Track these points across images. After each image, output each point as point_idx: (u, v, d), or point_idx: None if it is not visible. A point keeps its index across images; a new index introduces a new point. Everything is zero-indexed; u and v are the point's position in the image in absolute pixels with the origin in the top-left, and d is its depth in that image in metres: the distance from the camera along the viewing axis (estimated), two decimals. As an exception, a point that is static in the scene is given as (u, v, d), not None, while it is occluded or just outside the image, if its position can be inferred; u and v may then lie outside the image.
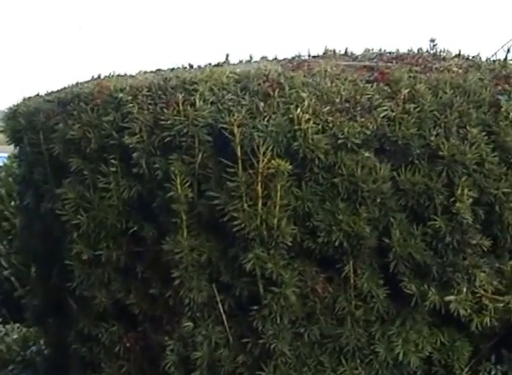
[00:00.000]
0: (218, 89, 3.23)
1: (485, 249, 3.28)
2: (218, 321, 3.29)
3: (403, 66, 3.47)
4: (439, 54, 3.77)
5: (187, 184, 3.18)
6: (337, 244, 3.16)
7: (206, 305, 3.28)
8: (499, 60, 3.68)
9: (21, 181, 4.21)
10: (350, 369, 3.28)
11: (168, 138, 3.18)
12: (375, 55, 3.82)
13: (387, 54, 3.83)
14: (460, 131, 3.27)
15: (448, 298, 3.23)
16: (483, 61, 3.74)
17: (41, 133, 3.63)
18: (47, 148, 3.60)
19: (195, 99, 3.17)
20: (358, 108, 3.20)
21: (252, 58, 3.95)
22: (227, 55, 3.91)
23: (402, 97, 3.24)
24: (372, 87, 3.28)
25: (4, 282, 6.21)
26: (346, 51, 3.92)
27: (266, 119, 3.12)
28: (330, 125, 3.15)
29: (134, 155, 3.26)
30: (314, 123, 3.12)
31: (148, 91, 3.29)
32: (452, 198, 3.21)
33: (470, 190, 3.22)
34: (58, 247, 3.65)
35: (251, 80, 3.23)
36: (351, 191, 3.18)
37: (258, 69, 3.29)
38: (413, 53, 3.78)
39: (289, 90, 3.20)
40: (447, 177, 3.23)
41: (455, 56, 3.77)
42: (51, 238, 3.76)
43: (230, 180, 3.12)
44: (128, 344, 3.52)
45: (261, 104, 3.16)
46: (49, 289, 3.93)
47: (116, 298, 3.50)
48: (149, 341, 3.48)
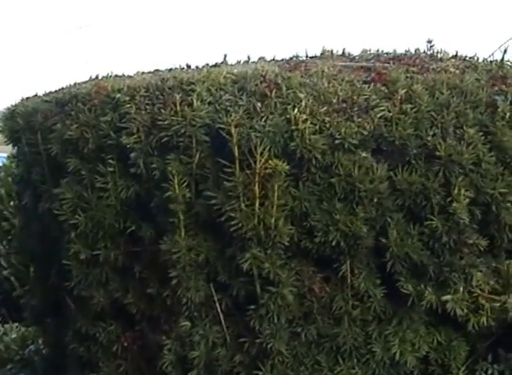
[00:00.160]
0: (216, 89, 3.24)
1: (481, 249, 3.29)
2: (216, 321, 3.30)
3: (400, 67, 3.48)
4: (436, 55, 3.78)
5: (185, 184, 3.18)
6: (334, 243, 3.17)
7: (203, 304, 3.29)
8: (495, 61, 3.69)
9: (19, 181, 4.21)
10: (347, 368, 3.29)
11: (165, 138, 3.19)
12: (372, 55, 3.83)
13: (384, 54, 3.84)
14: (456, 131, 3.28)
15: (445, 298, 3.24)
16: (480, 62, 3.75)
17: (39, 133, 3.64)
18: (45, 148, 3.61)
19: (192, 99, 3.18)
20: (355, 108, 3.21)
21: (250, 58, 3.95)
22: (225, 56, 3.92)
23: (399, 97, 3.25)
24: (369, 87, 3.28)
25: (3, 282, 6.22)
26: (344, 52, 3.93)
27: (263, 119, 3.13)
28: (327, 125, 3.15)
29: (132, 155, 3.27)
30: (312, 124, 3.13)
31: (146, 92, 3.30)
32: (449, 198, 3.22)
33: (466, 190, 3.23)
34: (56, 247, 3.66)
35: (248, 80, 3.24)
36: (348, 191, 3.18)
37: (255, 70, 3.30)
38: (410, 54, 3.79)
39: (287, 90, 3.21)
40: (444, 177, 3.23)
41: (452, 57, 3.78)
42: (49, 238, 3.77)
43: (228, 180, 3.12)
44: (126, 344, 3.53)
45: (259, 104, 3.17)
46: (47, 289, 3.94)
47: (114, 298, 3.51)
48: (147, 341, 3.49)
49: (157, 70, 3.88)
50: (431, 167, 3.24)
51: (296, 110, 3.13)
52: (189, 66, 3.86)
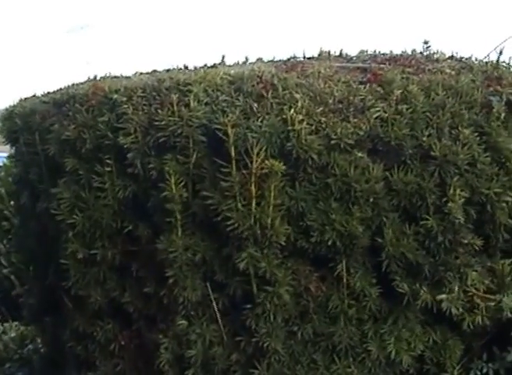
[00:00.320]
0: (212, 90, 3.25)
1: (476, 248, 3.31)
2: (212, 319, 3.31)
3: (395, 68, 3.49)
4: (431, 55, 3.79)
5: (182, 184, 3.20)
6: (330, 243, 3.18)
7: (200, 303, 3.30)
8: (491, 62, 3.70)
9: (17, 181, 4.23)
10: (343, 367, 3.30)
11: (162, 138, 3.20)
12: (368, 56, 3.84)
13: (381, 55, 3.84)
14: (452, 132, 3.29)
15: (440, 297, 3.25)
16: (475, 63, 3.75)
17: (37, 133, 3.66)
18: (42, 148, 3.62)
19: (189, 100, 3.19)
20: (351, 109, 3.22)
21: (248, 59, 3.97)
22: (223, 57, 3.93)
23: (395, 98, 3.26)
24: (365, 88, 3.30)
25: (3, 280, 6.23)
26: (341, 53, 3.93)
27: (260, 119, 3.14)
28: (323, 126, 3.17)
29: (129, 155, 3.28)
30: (308, 124, 3.15)
31: (143, 92, 3.32)
32: (444, 198, 3.23)
33: (462, 190, 3.25)
34: (53, 246, 3.67)
35: (245, 81, 3.26)
36: (344, 191, 3.20)
37: (252, 71, 3.32)
38: (406, 55, 3.80)
39: (283, 91, 3.22)
40: (439, 177, 3.25)
41: (448, 58, 3.79)
42: (46, 238, 3.78)
43: (224, 180, 3.14)
44: (123, 343, 3.54)
45: (255, 105, 3.18)
46: (45, 288, 3.95)
47: (111, 297, 3.52)
48: (144, 339, 3.50)
49: (154, 71, 3.89)
50: (426, 167, 3.25)
51: (292, 111, 3.15)
52: (186, 67, 3.88)
